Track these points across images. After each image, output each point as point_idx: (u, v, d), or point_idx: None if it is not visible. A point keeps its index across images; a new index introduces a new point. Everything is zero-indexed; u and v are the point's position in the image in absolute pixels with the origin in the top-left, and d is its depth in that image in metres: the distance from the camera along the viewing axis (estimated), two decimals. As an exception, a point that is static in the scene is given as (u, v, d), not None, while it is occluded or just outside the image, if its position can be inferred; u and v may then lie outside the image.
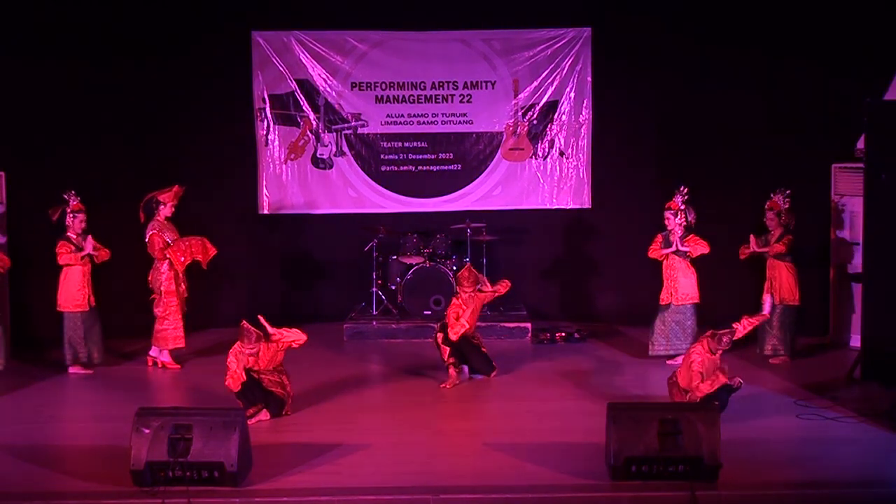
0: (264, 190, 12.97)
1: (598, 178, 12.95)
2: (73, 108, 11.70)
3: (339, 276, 13.08)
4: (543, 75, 12.92)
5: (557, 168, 13.08)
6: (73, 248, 10.41)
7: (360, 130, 13.07)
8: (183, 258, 10.56)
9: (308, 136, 13.03)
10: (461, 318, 10.03)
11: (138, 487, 7.14)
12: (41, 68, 11.49)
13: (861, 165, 9.95)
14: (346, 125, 13.06)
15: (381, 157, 13.11)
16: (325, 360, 11.03)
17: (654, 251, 10.89)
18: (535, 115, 13.03)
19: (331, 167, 13.09)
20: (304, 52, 12.86)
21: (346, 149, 13.07)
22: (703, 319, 10.76)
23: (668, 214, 10.81)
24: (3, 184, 11.34)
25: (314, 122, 12.99)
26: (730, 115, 12.16)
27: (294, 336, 9.03)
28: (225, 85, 12.64)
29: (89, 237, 10.49)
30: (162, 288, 10.69)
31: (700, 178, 12.02)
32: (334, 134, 13.05)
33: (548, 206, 13.08)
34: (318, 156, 13.06)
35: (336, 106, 12.99)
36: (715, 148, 12.22)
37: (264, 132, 12.95)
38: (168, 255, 10.56)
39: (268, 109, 12.91)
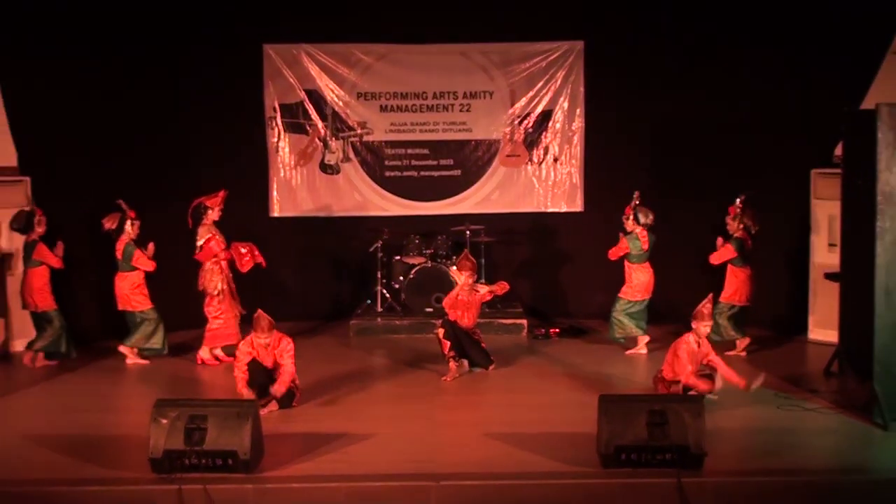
0: (275, 194, 12.98)
1: (589, 183, 12.96)
2: (94, 117, 11.67)
3: (345, 275, 13.09)
4: (538, 86, 12.92)
5: (552, 173, 13.09)
6: (145, 255, 10.56)
7: (365, 138, 13.08)
8: (247, 258, 10.58)
9: (316, 143, 13.04)
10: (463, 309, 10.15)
11: (156, 474, 7.16)
12: (64, 78, 11.46)
13: (839, 171, 9.96)
14: (352, 133, 13.06)
15: (386, 163, 13.11)
16: (333, 355, 11.05)
17: (613, 252, 11.01)
18: (530, 124, 13.03)
19: (338, 172, 13.10)
20: (312, 64, 12.87)
21: (352, 155, 13.08)
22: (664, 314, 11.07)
23: (625, 220, 10.92)
24: (29, 188, 11.34)
25: (322, 130, 13.00)
26: (714, 124, 12.15)
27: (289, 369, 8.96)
28: (238, 95, 12.65)
29: (150, 245, 10.64)
30: (214, 289, 10.72)
31: (686, 184, 12.07)
32: (341, 141, 13.05)
33: (543, 210, 13.09)
34: (326, 162, 13.07)
35: (343, 115, 13.00)
36: (700, 154, 12.21)
37: (275, 139, 12.96)
38: (233, 257, 10.64)
39: (278, 118, 12.92)
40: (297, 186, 13.03)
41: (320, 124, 12.99)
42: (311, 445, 7.90)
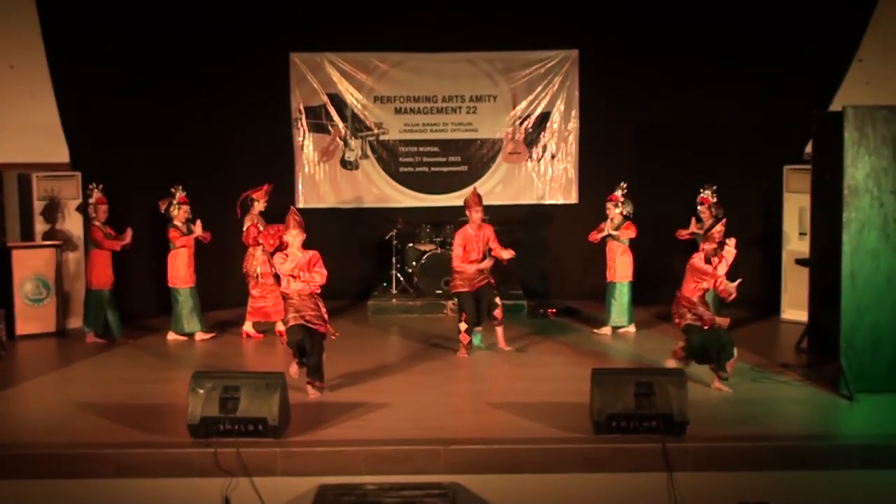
0: (300, 187, 12.97)
1: (583, 177, 12.92)
2: (139, 118, 11.67)
3: (363, 260, 13.08)
4: (538, 90, 12.88)
5: (549, 169, 13.05)
6: (181, 233, 10.48)
7: (381, 137, 13.05)
8: (272, 241, 10.55)
9: (337, 142, 13.01)
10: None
11: (194, 439, 7.18)
12: (112, 84, 11.46)
13: (809, 167, 9.91)
14: (369, 133, 13.04)
15: (400, 159, 13.08)
16: (352, 333, 11.02)
17: (593, 235, 10.85)
18: (530, 124, 12.99)
19: (357, 168, 13.07)
20: (334, 71, 12.83)
21: (369, 153, 13.06)
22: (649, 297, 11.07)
23: (609, 205, 10.78)
24: (80, 182, 11.35)
25: (343, 130, 12.98)
26: (697, 123, 12.11)
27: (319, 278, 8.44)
28: (267, 99, 12.63)
29: (198, 222, 10.59)
30: (258, 271, 10.69)
31: (671, 178, 12.03)
32: (360, 140, 13.03)
33: (541, 202, 13.06)
34: (346, 159, 13.05)
35: (361, 116, 12.97)
36: (684, 151, 12.16)
37: (300, 139, 12.94)
38: (261, 241, 10.57)
39: (303, 119, 12.90)
40: (320, 181, 13.01)
41: (341, 125, 12.96)
42: (333, 413, 7.90)
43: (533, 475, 7.07)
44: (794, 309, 11.18)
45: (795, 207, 11.25)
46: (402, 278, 12.53)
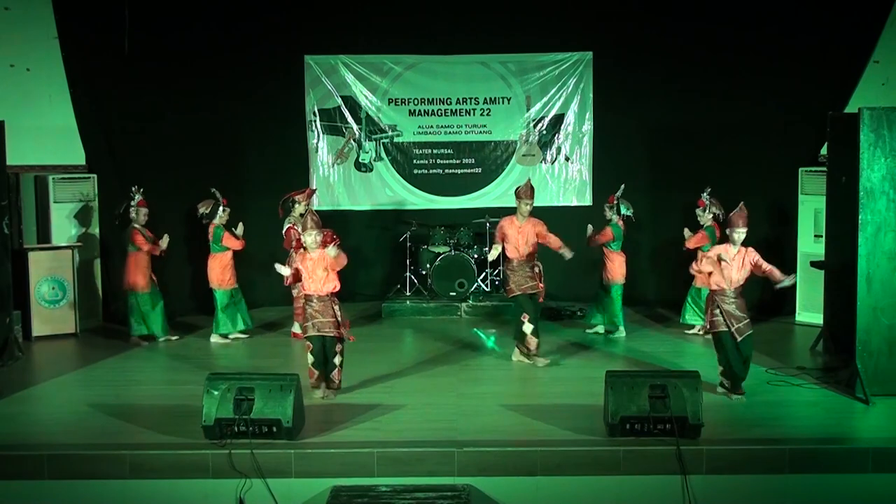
0: (315, 189, 13.00)
1: (597, 179, 12.87)
2: (155, 119, 11.74)
3: (378, 262, 13.09)
4: (552, 92, 12.86)
5: (564, 171, 13.03)
6: (234, 236, 10.55)
7: (395, 139, 13.06)
8: (294, 243, 10.55)
9: (352, 144, 13.03)
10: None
11: (209, 440, 7.20)
12: (129, 85, 11.52)
13: (824, 169, 9.87)
14: (383, 135, 13.05)
15: (414, 161, 13.09)
16: (366, 334, 11.01)
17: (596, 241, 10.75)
18: (544, 126, 12.97)
19: (371, 170, 13.09)
20: (348, 73, 12.85)
21: (383, 155, 13.07)
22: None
23: (606, 207, 10.78)
24: (96, 184, 11.41)
25: (357, 132, 12.99)
26: (712, 126, 12.07)
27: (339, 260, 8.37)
28: (281, 101, 12.66)
29: (241, 224, 10.66)
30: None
31: (685, 180, 11.96)
32: (374, 142, 13.04)
33: (555, 204, 13.00)
34: (360, 161, 13.06)
35: (375, 119, 12.99)
36: (698, 154, 12.13)
37: (315, 141, 12.97)
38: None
39: (318, 122, 12.93)
40: (334, 183, 13.03)
41: (355, 127, 12.98)
42: (346, 415, 7.91)
43: (546, 477, 7.05)
44: (809, 311, 11.13)
45: (811, 210, 11.20)
46: (416, 280, 12.54)
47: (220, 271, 10.63)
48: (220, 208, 10.56)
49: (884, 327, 8.33)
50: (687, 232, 10.70)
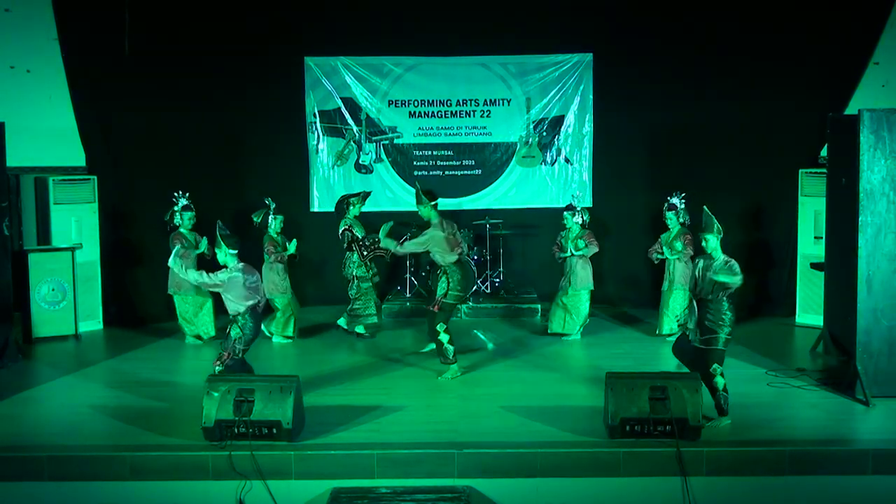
0: (315, 191, 13.00)
1: (597, 181, 12.90)
2: (156, 120, 11.74)
3: (378, 263, 13.05)
4: (552, 94, 12.87)
5: (563, 173, 13.04)
6: (276, 246, 10.59)
7: (395, 141, 13.06)
8: (366, 252, 10.52)
9: (352, 145, 13.04)
10: None
11: (209, 441, 7.20)
12: (129, 86, 11.51)
13: (824, 171, 9.87)
14: (384, 136, 13.06)
15: (414, 163, 13.09)
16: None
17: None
18: (544, 128, 12.98)
19: (371, 172, 13.09)
20: (348, 75, 12.86)
21: (384, 156, 13.08)
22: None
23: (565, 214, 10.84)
24: (96, 186, 11.41)
25: (357, 134, 13.00)
26: (712, 128, 12.08)
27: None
28: (281, 102, 12.67)
29: (294, 241, 10.72)
30: (354, 274, 10.71)
31: (686, 182, 11.95)
32: (374, 144, 13.05)
33: (555, 206, 12.99)
34: (361, 162, 13.07)
35: (376, 120, 13.00)
36: (699, 156, 12.13)
37: (315, 142, 12.97)
38: (355, 248, 10.57)
39: (318, 123, 12.93)
40: (334, 184, 13.03)
41: (355, 128, 12.99)
42: (347, 416, 7.91)
43: (547, 479, 7.06)
44: (809, 313, 11.13)
45: (811, 211, 11.21)
46: (415, 281, 12.53)
47: (272, 281, 10.58)
48: (271, 217, 10.56)
49: (884, 329, 8.33)
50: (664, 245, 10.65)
